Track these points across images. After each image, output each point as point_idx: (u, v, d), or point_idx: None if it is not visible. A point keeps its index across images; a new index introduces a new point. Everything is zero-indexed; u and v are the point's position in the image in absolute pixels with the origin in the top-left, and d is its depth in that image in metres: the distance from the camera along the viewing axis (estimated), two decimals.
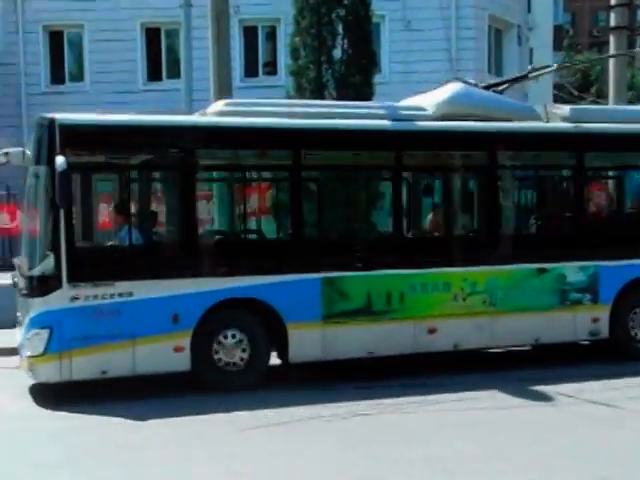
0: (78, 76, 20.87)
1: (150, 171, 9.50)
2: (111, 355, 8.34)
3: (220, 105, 9.57)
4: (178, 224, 9.12)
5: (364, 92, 14.50)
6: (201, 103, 12.19)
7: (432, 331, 9.39)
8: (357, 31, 14.75)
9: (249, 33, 21.29)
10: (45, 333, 8.26)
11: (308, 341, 8.96)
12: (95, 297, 8.31)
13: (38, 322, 8.30)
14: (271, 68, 21.39)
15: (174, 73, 20.45)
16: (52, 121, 8.29)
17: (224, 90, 12.75)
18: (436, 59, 20.07)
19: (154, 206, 9.70)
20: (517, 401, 8.04)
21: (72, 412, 7.83)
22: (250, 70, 21.14)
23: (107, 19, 20.40)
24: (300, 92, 14.51)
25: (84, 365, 8.27)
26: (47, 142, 8.33)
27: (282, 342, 8.94)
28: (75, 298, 8.25)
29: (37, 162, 8.45)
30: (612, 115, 11.18)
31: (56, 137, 8.25)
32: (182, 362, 8.56)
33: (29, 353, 8.35)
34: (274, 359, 9.01)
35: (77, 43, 21.17)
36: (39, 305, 8.31)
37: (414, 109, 10.01)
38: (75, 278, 8.24)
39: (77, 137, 8.42)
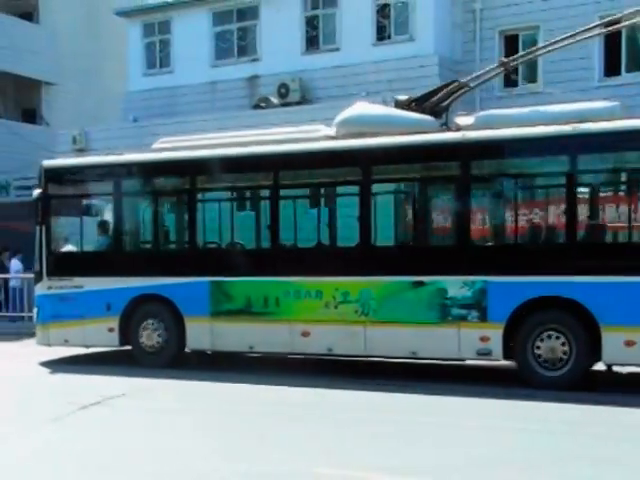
0: (531, 77, 20.50)
1: (102, 198, 12.44)
2: (70, 329, 11.85)
3: (159, 142, 11.99)
4: (111, 237, 12.08)
5: None
6: None
7: (306, 334, 10.36)
8: None
9: None
10: (36, 310, 12.36)
11: (200, 333, 11.07)
12: (61, 287, 11.86)
13: (35, 302, 12.43)
14: None
15: (635, 66, 18.91)
16: (41, 165, 12.23)
17: None
18: None
19: (100, 224, 12.43)
20: None
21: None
22: None
23: (563, 17, 19.66)
24: None
25: (55, 335, 11.99)
26: (38, 179, 12.24)
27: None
28: (50, 287, 11.95)
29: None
30: (524, 118, 9.79)
31: (42, 176, 12.14)
32: (113, 340, 11.66)
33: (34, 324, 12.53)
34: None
35: (531, 45, 20.81)
36: (36, 291, 12.34)
37: (308, 131, 10.94)
38: (50, 273, 11.99)
39: (56, 176, 12.21)
